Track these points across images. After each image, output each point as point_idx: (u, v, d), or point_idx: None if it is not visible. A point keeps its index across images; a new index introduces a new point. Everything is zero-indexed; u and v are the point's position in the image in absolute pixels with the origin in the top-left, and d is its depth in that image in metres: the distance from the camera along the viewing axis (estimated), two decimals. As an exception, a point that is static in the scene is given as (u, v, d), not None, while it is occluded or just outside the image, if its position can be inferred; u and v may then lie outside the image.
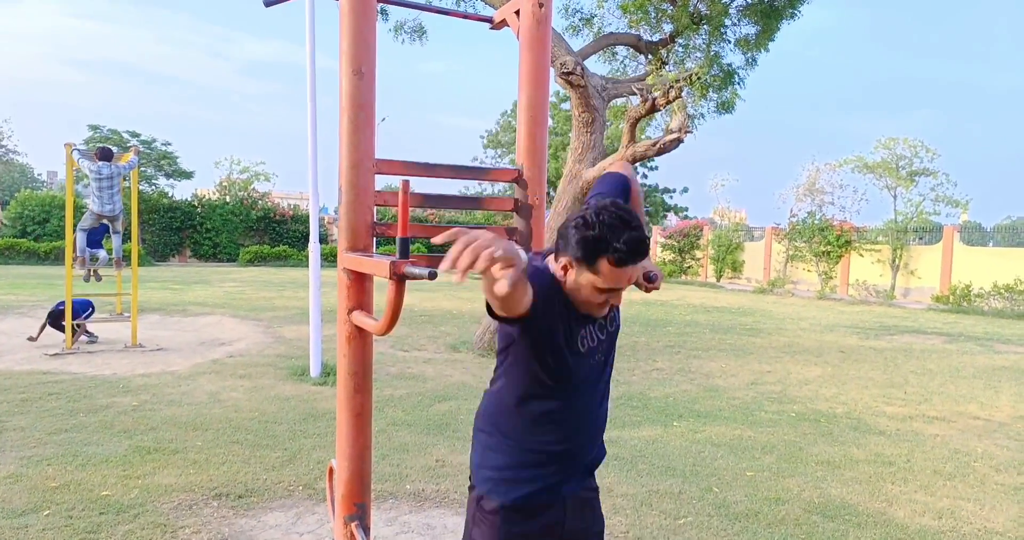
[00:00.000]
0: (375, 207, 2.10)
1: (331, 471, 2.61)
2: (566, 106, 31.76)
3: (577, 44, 10.21)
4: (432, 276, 1.50)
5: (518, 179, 2.29)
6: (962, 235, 18.38)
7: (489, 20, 2.49)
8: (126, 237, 8.72)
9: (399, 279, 1.61)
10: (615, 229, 1.44)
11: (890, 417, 5.73)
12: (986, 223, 20.17)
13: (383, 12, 9.11)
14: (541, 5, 2.23)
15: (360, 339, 2.06)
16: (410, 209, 1.63)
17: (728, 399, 6.17)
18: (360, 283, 2.05)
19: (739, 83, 10.58)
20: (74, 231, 9.13)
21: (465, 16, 2.49)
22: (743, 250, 23.86)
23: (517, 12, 2.31)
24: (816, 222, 20.54)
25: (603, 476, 4.01)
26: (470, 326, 9.82)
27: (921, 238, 19.16)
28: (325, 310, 7.78)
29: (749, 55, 10.90)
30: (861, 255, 19.67)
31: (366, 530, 2.08)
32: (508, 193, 2.38)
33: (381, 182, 2.22)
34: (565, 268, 1.52)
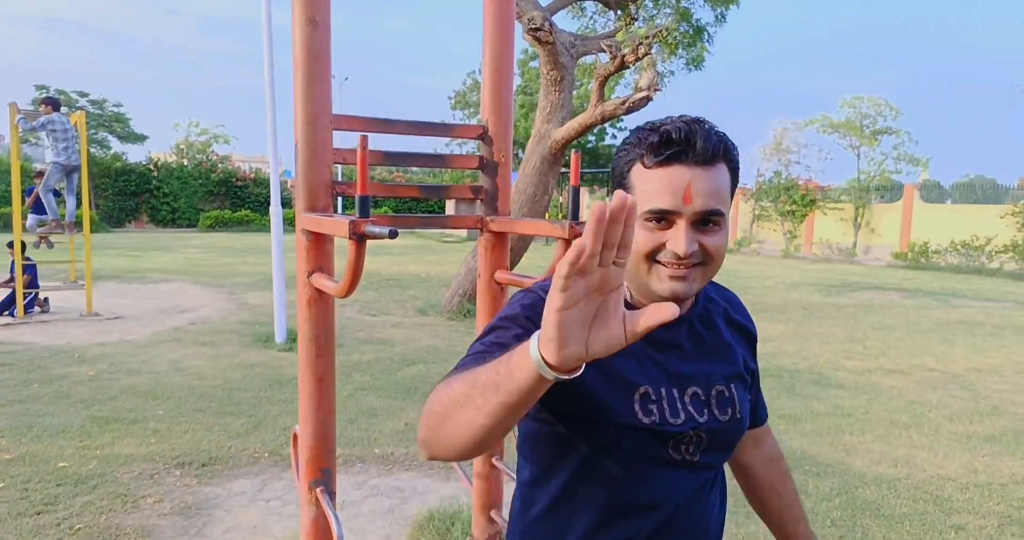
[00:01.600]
0: (337, 166, 2.01)
1: (295, 437, 2.56)
2: (535, 64, 31.22)
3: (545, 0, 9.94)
4: (393, 235, 1.43)
5: (483, 135, 2.20)
6: (922, 193, 18.79)
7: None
8: (79, 201, 8.36)
9: (359, 239, 1.53)
10: (649, 128, 0.90)
11: (849, 371, 5.88)
12: (945, 181, 20.66)
13: (341, -37, 8.71)
14: (504, -51, 2.11)
15: (321, 302, 1.98)
16: (370, 167, 1.58)
17: (695, 357, 6.26)
18: (320, 244, 1.96)
19: (708, 40, 10.50)
20: (25, 195, 8.73)
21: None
22: (710, 210, 24.06)
23: (479, -43, 2.19)
24: (782, 182, 20.77)
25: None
26: (438, 290, 9.76)
27: (883, 196, 19.54)
28: (288, 275, 7.63)
29: (719, 11, 10.80)
30: (825, 214, 20.01)
31: (332, 495, 2.05)
32: (476, 153, 2.31)
33: (344, 142, 2.11)
34: None
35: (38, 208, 9.55)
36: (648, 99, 7.80)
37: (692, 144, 0.86)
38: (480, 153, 2.26)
